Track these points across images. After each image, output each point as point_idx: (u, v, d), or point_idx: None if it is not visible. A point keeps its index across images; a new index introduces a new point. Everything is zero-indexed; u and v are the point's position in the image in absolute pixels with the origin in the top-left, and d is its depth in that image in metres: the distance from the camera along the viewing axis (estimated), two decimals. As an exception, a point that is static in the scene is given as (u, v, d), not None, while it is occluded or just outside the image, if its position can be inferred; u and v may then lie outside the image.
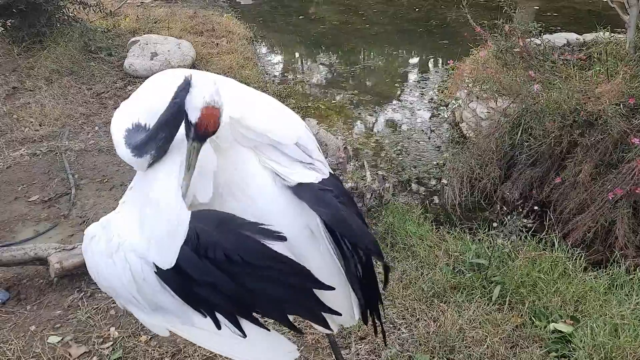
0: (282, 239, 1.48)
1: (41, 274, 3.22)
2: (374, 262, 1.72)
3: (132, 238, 1.57)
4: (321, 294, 1.55)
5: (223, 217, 1.53)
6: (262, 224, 1.50)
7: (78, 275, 3.14)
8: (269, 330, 1.62)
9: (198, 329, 1.60)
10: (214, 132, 1.44)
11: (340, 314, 1.62)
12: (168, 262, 1.48)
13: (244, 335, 1.55)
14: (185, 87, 1.43)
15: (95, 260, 1.67)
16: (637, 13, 4.71)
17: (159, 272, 1.50)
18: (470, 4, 5.77)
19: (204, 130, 1.42)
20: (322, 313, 1.58)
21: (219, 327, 1.55)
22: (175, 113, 1.45)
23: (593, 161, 4.09)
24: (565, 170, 4.25)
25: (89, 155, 4.71)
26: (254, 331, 1.57)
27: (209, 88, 1.42)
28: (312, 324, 1.99)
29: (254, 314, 1.56)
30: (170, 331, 1.67)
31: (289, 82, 7.60)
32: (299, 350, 1.76)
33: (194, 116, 1.41)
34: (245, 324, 1.56)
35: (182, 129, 1.51)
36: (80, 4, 7.24)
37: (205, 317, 1.56)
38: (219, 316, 1.54)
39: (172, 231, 1.47)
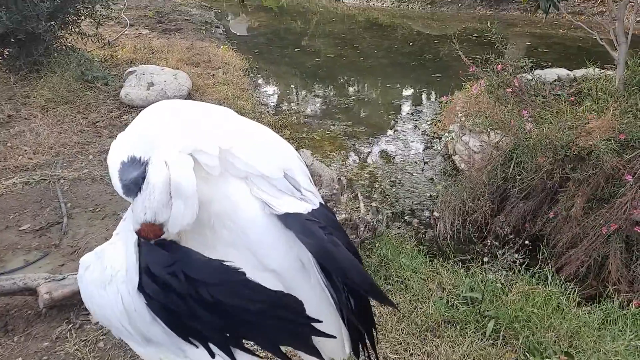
0: (242, 274, 1.45)
1: (29, 305, 3.17)
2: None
3: (123, 269, 1.57)
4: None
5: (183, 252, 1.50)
6: (222, 261, 1.47)
7: (67, 306, 3.09)
8: (261, 358, 1.60)
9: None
10: (156, 239, 1.43)
11: (335, 336, 1.60)
12: (134, 287, 1.48)
13: None
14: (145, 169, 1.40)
15: (89, 290, 1.67)
16: (626, 50, 4.81)
17: (149, 303, 1.49)
18: (463, 40, 5.91)
19: (144, 238, 1.43)
20: (314, 341, 1.56)
21: (212, 355, 1.53)
22: (139, 185, 1.43)
23: (585, 195, 4.12)
24: (558, 204, 4.28)
25: (82, 184, 4.70)
26: (247, 357, 1.55)
27: (158, 194, 1.36)
28: (303, 357, 1.96)
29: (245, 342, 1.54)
30: None
31: (284, 113, 7.67)
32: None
33: (134, 227, 1.40)
34: (238, 352, 1.54)
35: None
36: (79, 34, 7.34)
37: (197, 347, 1.54)
38: (211, 345, 1.53)
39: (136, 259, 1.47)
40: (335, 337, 1.60)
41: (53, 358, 2.80)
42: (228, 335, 1.51)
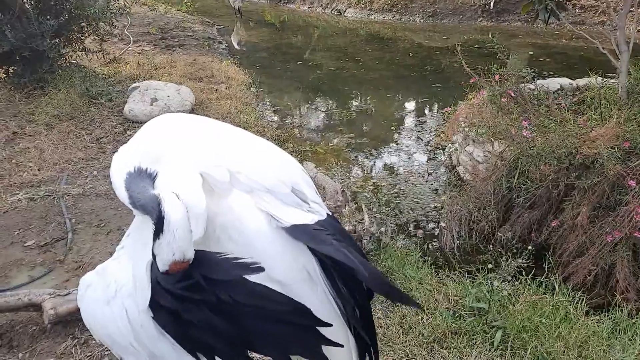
0: (260, 269, 1.44)
1: (34, 321, 3.16)
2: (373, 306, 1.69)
3: (129, 284, 1.56)
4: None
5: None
6: (237, 257, 1.45)
7: (72, 321, 3.08)
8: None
9: None
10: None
11: (342, 345, 1.58)
12: (144, 303, 1.46)
13: None
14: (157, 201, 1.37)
15: (91, 309, 1.65)
16: (627, 58, 4.82)
17: (157, 317, 1.48)
18: (464, 50, 5.92)
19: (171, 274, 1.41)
20: (323, 351, 1.55)
21: None
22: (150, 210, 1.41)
23: (590, 204, 4.09)
24: (564, 213, 4.25)
25: (86, 199, 4.71)
26: None
27: (182, 232, 1.35)
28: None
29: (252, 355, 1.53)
30: None
31: (287, 127, 7.69)
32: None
33: (161, 267, 1.38)
34: None
35: None
36: (83, 50, 7.40)
37: None
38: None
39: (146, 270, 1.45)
40: (343, 346, 1.59)
41: (58, 374, 2.79)
42: (237, 346, 1.50)
